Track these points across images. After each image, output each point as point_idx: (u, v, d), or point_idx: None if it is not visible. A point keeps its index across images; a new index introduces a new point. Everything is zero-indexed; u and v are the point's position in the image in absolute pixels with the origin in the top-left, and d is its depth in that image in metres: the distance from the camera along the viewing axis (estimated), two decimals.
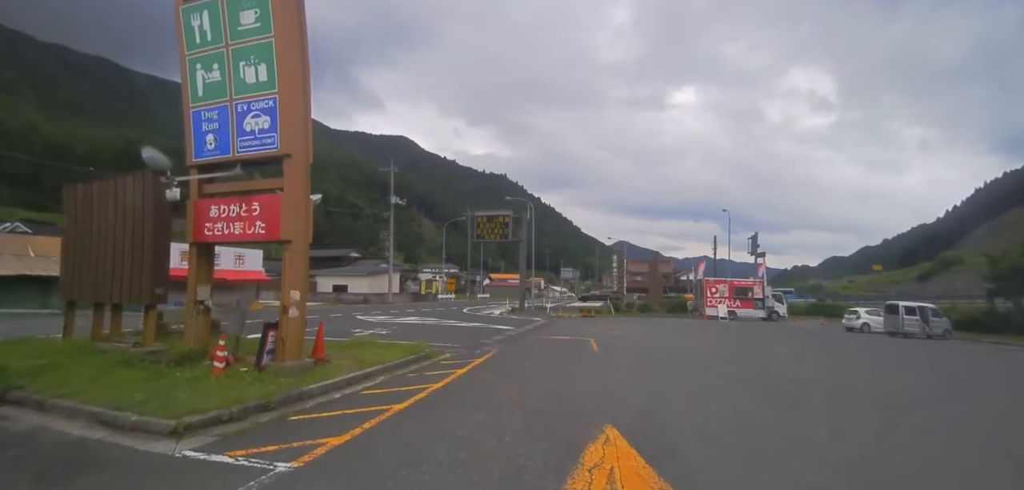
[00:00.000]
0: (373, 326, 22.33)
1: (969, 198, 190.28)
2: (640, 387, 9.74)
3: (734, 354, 16.98)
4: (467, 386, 9.28)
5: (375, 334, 18.90)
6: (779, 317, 39.40)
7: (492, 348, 15.23)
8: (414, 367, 11.16)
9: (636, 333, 23.48)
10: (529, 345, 16.96)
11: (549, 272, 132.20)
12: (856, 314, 32.12)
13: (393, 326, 22.81)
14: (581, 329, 24.30)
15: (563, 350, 15.37)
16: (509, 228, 41.65)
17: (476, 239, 43.39)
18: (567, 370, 11.40)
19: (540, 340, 18.70)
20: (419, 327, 23.22)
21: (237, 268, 35.13)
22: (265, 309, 36.38)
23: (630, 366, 12.53)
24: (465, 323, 26.18)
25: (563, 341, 18.40)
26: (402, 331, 20.22)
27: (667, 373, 11.81)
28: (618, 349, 16.23)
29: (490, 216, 43.02)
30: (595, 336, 20.05)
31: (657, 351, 16.53)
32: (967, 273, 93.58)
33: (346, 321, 25.33)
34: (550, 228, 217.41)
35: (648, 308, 45.42)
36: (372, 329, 20.79)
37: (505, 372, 10.86)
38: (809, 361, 16.02)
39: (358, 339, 15.32)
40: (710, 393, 9.68)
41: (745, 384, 10.73)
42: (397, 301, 50.76)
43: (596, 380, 10.13)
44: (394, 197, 50.63)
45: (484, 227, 42.59)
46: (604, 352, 14.98)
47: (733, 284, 41.13)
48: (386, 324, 24.24)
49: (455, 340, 17.39)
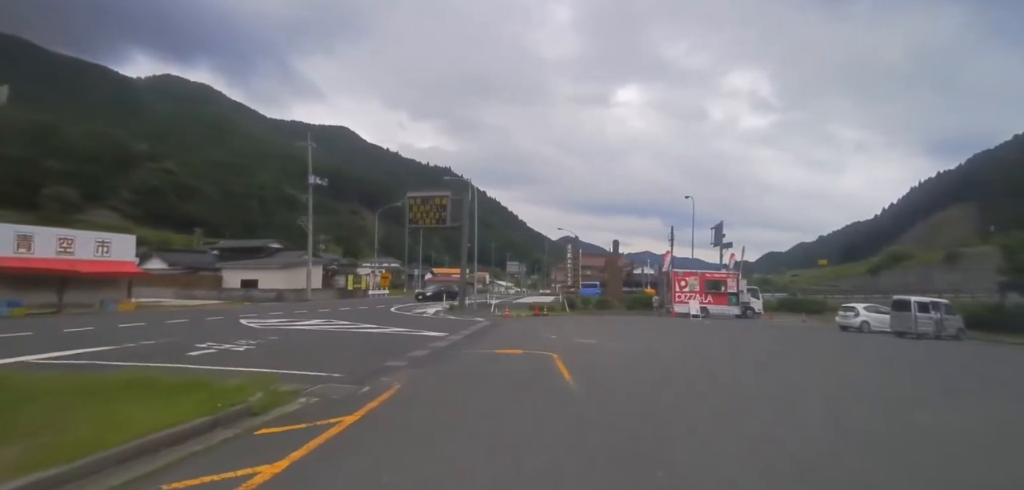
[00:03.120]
0: (248, 336, 15.51)
1: (905, 197, 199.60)
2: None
3: (759, 373, 11.56)
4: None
5: (234, 348, 12.41)
6: (754, 314, 35.13)
7: (398, 378, 8.93)
8: (175, 456, 4.75)
9: (611, 339, 17.76)
10: (461, 370, 10.70)
11: (495, 267, 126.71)
12: (853, 311, 27.85)
13: (276, 335, 16.06)
14: (536, 335, 18.38)
15: (516, 382, 9.22)
16: (448, 211, 35.21)
17: (410, 224, 36.67)
18: (528, 449, 5.23)
19: (479, 358, 12.48)
20: (316, 336, 16.60)
21: (99, 258, 26.92)
22: (139, 310, 28.40)
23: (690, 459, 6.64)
24: (385, 328, 19.71)
25: (513, 358, 12.26)
26: (281, 346, 13.60)
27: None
28: (606, 379, 10.37)
29: (425, 197, 36.38)
30: (558, 348, 14.07)
31: (676, 382, 10.80)
32: (917, 268, 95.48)
33: (219, 327, 18.36)
34: (496, 222, 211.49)
35: (606, 305, 40.23)
36: (242, 341, 14.06)
37: (383, 469, 4.62)
38: (872, 385, 10.83)
39: (171, 372, 8.72)
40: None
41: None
42: (318, 298, 43.24)
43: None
44: (312, 176, 42.97)
45: (419, 210, 35.92)
46: (585, 385, 9.03)
47: (705, 277, 36.42)
48: (272, 331, 17.44)
49: (349, 360, 10.99)
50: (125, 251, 28.74)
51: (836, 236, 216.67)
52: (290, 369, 9.46)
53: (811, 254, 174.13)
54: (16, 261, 23.23)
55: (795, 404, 8.30)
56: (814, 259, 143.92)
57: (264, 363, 10.30)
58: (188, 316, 23.62)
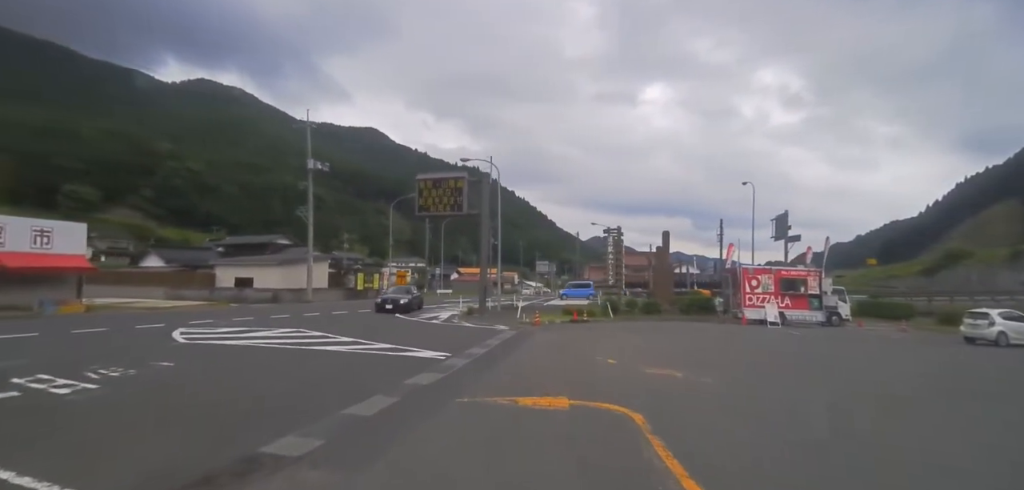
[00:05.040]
0: (151, 357, 9.78)
1: (950, 193, 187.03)
2: None
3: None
4: None
5: (51, 390, 6.66)
6: (840, 320, 28.12)
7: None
8: None
9: (700, 368, 11.47)
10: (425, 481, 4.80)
11: (524, 267, 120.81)
12: (986, 318, 20.67)
13: (187, 359, 10.26)
14: (583, 358, 12.27)
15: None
16: (464, 196, 29.29)
17: (420, 211, 30.91)
18: None
19: (480, 427, 6.49)
20: (246, 359, 10.81)
21: (37, 250, 22.07)
22: (89, 312, 23.49)
23: None
24: (365, 343, 13.88)
25: (553, 425, 6.01)
26: (145, 383, 7.68)
27: None
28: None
29: (437, 179, 30.51)
30: (629, 391, 7.88)
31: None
32: (977, 266, 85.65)
33: (137, 339, 12.75)
34: (524, 221, 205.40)
35: (655, 308, 33.65)
36: (115, 368, 8.26)
37: None
38: None
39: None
40: None
41: None
42: (321, 298, 38.03)
43: None
44: (312, 161, 37.79)
45: (430, 195, 30.12)
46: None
47: (780, 275, 29.49)
48: (196, 349, 11.69)
49: (212, 427, 5.12)
50: (72, 243, 23.70)
51: (875, 235, 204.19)
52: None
53: (848, 254, 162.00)
54: None
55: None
56: (851, 259, 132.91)
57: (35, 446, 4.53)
58: (139, 320, 18.43)
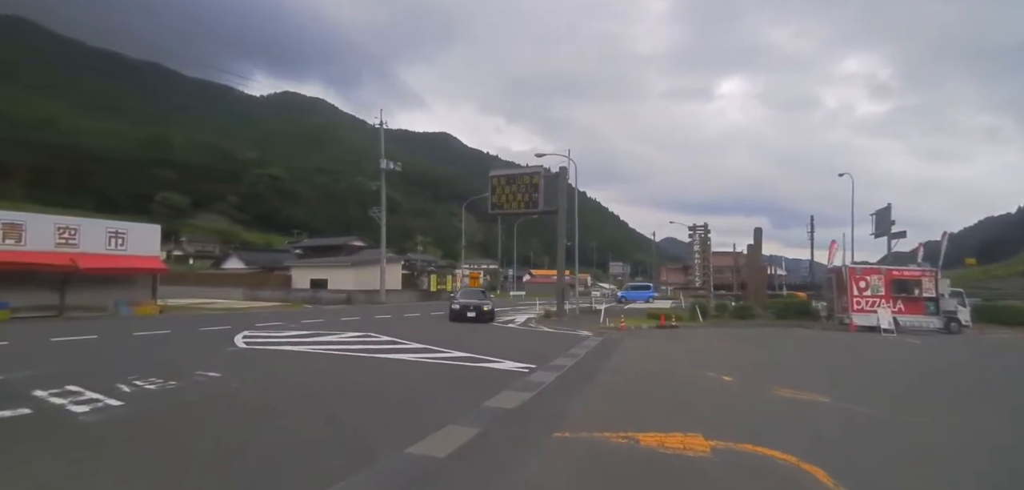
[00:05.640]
0: (200, 367, 8.65)
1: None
2: None
3: None
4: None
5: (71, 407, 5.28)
6: (960, 326, 23.52)
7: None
8: None
9: (839, 390, 8.76)
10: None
11: (596, 268, 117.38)
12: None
13: (242, 368, 8.99)
14: (692, 373, 9.95)
15: None
16: (540, 193, 27.37)
17: (493, 208, 29.31)
18: None
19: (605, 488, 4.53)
20: (304, 369, 9.34)
21: (112, 251, 22.36)
22: (163, 313, 23.70)
23: None
24: (436, 350, 12.25)
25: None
26: (174, 401, 6.35)
27: None
28: None
29: (511, 176, 28.82)
30: (800, 443, 5.65)
31: None
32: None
33: (200, 343, 11.89)
34: (595, 222, 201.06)
35: (748, 312, 30.13)
36: (153, 380, 7.06)
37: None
38: None
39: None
40: None
41: None
42: (394, 300, 37.53)
43: None
44: (385, 160, 37.32)
45: (504, 192, 28.45)
46: None
47: (891, 275, 25.35)
48: (252, 358, 10.44)
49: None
50: (146, 244, 23.96)
51: (969, 233, 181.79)
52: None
53: (938, 253, 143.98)
54: (0, 255, 18.97)
55: None
56: (946, 258, 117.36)
57: None
58: (207, 322, 18.03)
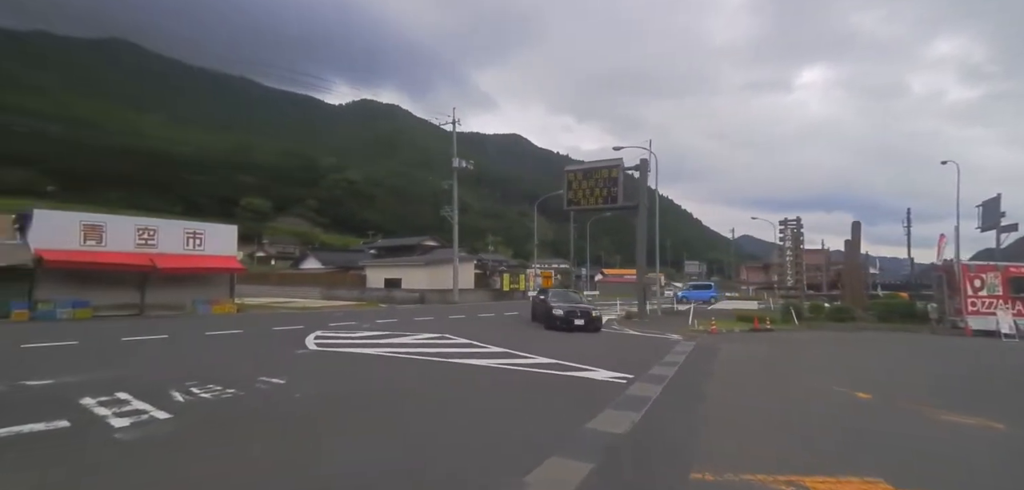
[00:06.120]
0: (264, 372, 7.89)
1: None
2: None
3: None
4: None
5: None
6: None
7: None
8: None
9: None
10: None
11: (670, 267, 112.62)
12: None
13: (319, 370, 8.09)
14: (821, 391, 7.94)
15: None
16: (619, 187, 25.50)
17: (569, 205, 27.77)
18: None
19: None
20: (384, 371, 8.28)
21: (189, 252, 23.00)
22: (240, 312, 24.10)
23: None
24: (519, 355, 10.98)
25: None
26: (224, 413, 5.40)
27: None
28: None
29: (588, 170, 27.15)
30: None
31: None
32: None
33: (275, 343, 11.42)
34: (669, 220, 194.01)
35: (846, 314, 26.72)
36: (213, 387, 6.24)
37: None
38: None
39: None
40: None
41: None
42: (467, 300, 36.96)
43: None
44: (457, 159, 36.80)
45: (580, 188, 26.85)
46: None
47: (1009, 273, 21.39)
48: (330, 360, 9.62)
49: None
50: (223, 244, 24.50)
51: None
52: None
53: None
54: (82, 255, 19.80)
55: None
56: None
57: None
58: (281, 321, 17.89)
